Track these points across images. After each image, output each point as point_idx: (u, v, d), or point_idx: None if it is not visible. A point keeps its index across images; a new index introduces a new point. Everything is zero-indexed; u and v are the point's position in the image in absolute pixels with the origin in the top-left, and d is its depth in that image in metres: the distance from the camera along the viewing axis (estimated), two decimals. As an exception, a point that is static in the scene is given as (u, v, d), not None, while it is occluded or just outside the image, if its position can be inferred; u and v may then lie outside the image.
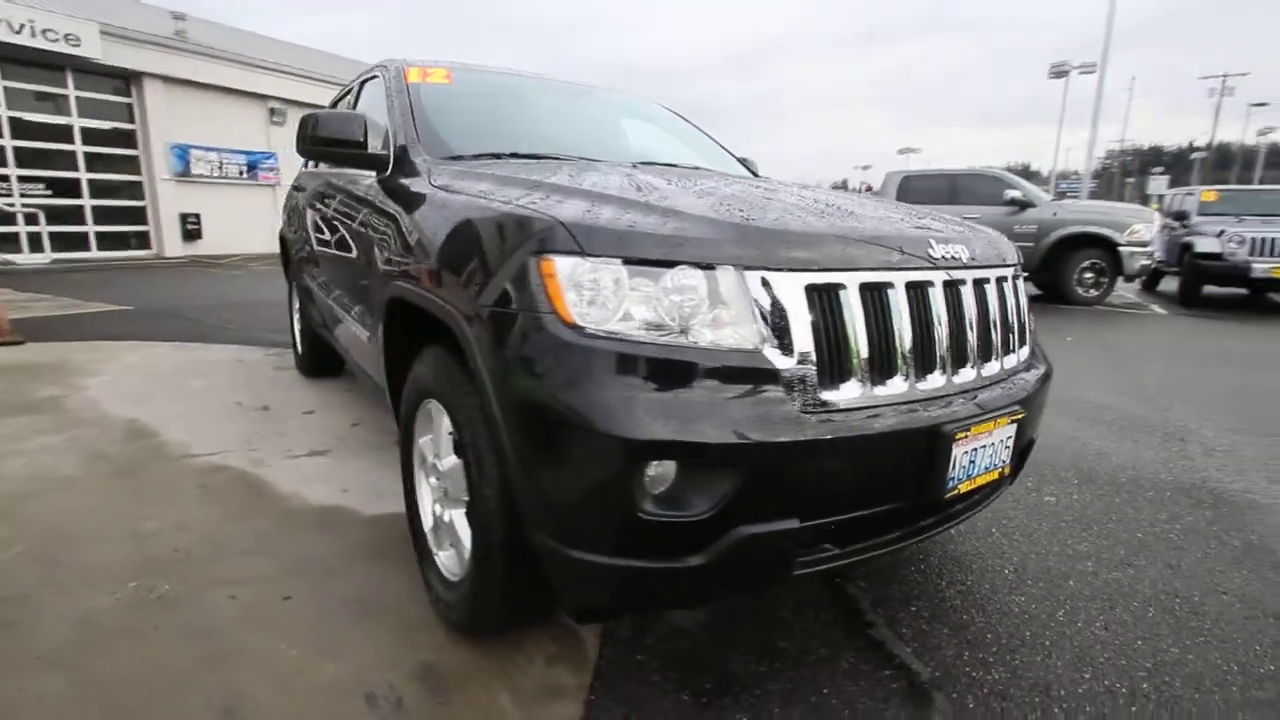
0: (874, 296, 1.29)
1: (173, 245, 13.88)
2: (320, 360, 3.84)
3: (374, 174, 2.16)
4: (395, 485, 2.51)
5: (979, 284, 1.50)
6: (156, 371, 4.05)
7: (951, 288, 1.42)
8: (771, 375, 1.18)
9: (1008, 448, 1.48)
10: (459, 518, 1.59)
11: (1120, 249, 8.00)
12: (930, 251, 1.39)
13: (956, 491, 1.37)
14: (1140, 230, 8.06)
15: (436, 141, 2.06)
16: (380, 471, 2.65)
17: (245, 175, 15.34)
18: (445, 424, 1.60)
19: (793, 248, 1.24)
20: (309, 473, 2.61)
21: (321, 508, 2.32)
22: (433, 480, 1.74)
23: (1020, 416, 1.49)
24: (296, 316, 4.11)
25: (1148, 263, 8.30)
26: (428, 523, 1.80)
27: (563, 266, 1.19)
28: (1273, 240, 7.75)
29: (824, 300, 1.24)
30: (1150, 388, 4.38)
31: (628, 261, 1.19)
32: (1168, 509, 2.50)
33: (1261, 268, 7.75)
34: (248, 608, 1.75)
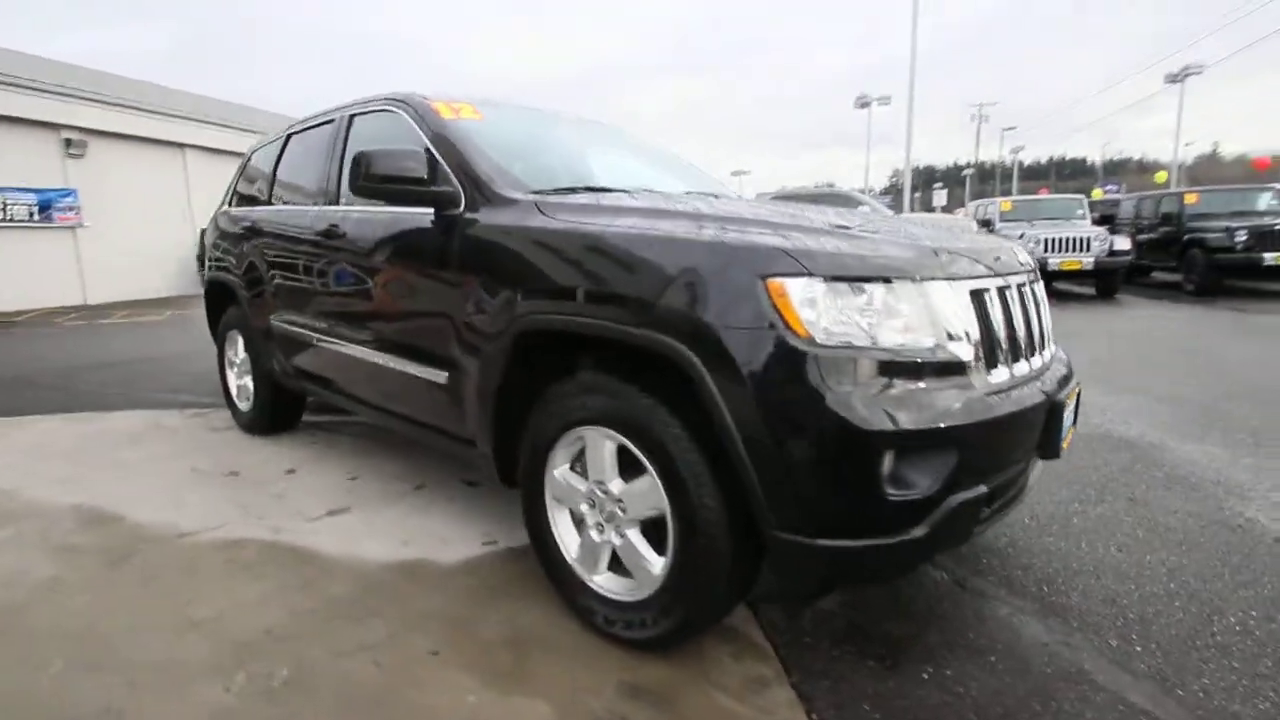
0: (1003, 297, 1.59)
1: (-57, 304, 11.44)
2: (279, 414, 3.50)
3: (432, 210, 2.12)
4: (455, 530, 2.43)
5: (1038, 284, 1.87)
6: (60, 449, 3.44)
7: (1029, 288, 1.77)
8: (961, 367, 1.43)
9: (1077, 412, 1.85)
10: (635, 536, 1.65)
11: (953, 253, 9.44)
12: (1020, 260, 1.72)
13: (1063, 447, 1.70)
14: (966, 236, 9.59)
15: (510, 178, 2.08)
16: (423, 519, 2.53)
17: (37, 217, 13.00)
18: (609, 448, 1.66)
19: (956, 262, 1.50)
20: (346, 533, 2.43)
21: (393, 564, 2.19)
22: (583, 507, 1.76)
23: (1080, 389, 1.87)
24: (236, 370, 3.71)
25: (973, 263, 9.87)
26: (571, 552, 1.81)
27: (793, 287, 1.34)
28: (1060, 239, 9.61)
29: (979, 302, 1.51)
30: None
31: (840, 279, 1.37)
32: (1100, 455, 3.11)
33: (1055, 262, 9.55)
34: (398, 670, 1.65)
